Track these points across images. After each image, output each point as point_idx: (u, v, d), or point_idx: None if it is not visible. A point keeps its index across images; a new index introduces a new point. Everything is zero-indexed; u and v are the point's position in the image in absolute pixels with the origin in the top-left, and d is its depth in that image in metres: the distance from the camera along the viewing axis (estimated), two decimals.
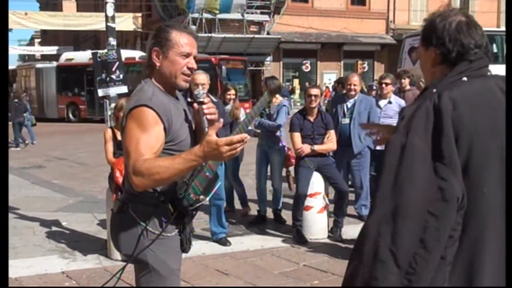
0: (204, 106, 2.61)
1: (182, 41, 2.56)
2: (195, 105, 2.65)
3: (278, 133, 6.98)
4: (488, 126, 1.70)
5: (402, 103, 7.81)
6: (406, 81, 8.21)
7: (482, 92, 1.75)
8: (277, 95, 7.01)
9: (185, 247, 2.72)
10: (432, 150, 1.64)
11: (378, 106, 7.33)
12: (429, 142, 1.65)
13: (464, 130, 1.65)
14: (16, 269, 5.36)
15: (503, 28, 21.23)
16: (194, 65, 2.61)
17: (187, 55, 2.58)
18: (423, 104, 1.72)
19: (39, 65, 31.88)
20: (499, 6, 35.22)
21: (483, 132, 1.68)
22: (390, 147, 1.72)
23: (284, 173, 7.17)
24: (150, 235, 2.56)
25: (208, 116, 2.60)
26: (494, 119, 1.71)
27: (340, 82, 9.79)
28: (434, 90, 1.75)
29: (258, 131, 7.12)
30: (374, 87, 9.73)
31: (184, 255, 2.80)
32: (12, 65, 36.37)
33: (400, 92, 7.92)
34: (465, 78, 1.77)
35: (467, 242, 1.66)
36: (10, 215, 7.69)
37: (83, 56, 27.77)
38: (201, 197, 2.58)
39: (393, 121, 7.40)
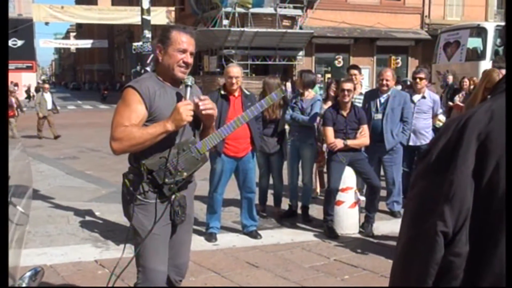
0: (200, 103, 3.00)
1: (180, 39, 3.01)
2: (195, 99, 3.01)
3: (316, 122, 6.92)
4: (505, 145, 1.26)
5: (436, 98, 7.69)
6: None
7: None
8: (310, 90, 6.97)
9: (174, 219, 3.09)
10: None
11: (412, 101, 7.23)
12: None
13: (492, 149, 1.26)
14: (51, 256, 5.49)
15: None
16: (190, 60, 3.04)
17: (184, 51, 3.01)
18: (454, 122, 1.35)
19: None
20: None
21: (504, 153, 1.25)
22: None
23: (315, 169, 7.07)
24: (138, 202, 3.05)
25: (203, 112, 3.02)
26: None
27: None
28: (489, 97, 1.36)
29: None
30: (409, 83, 9.59)
31: (215, 247, 2.89)
32: (49, 58, 37.12)
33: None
34: None
35: None
36: (46, 204, 7.86)
37: None
38: (185, 174, 3.03)
39: (427, 116, 7.32)
